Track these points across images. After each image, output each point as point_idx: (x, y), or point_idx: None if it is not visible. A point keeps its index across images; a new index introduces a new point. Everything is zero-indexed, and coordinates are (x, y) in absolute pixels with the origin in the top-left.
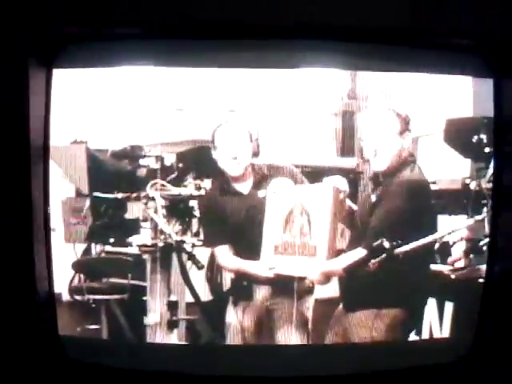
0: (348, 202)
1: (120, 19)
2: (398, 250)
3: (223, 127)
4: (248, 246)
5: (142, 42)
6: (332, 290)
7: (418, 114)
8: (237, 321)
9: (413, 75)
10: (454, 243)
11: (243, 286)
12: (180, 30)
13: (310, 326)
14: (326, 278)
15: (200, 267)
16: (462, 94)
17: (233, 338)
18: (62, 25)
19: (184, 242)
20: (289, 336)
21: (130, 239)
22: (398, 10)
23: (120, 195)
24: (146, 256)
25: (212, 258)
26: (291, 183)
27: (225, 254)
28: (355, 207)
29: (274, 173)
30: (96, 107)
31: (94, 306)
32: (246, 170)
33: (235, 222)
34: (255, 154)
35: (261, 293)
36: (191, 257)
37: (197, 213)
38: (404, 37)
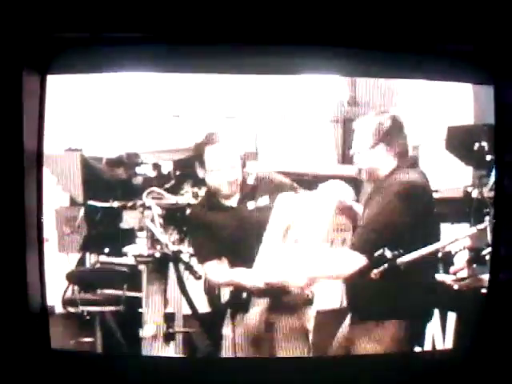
0: (350, 210)
1: (115, 25)
2: (399, 260)
3: (212, 148)
4: (243, 257)
5: (138, 47)
6: (333, 301)
7: (418, 121)
8: (235, 333)
9: (413, 82)
10: (457, 252)
11: (242, 298)
12: (177, 35)
13: (310, 338)
14: (325, 288)
15: (198, 277)
16: (463, 102)
17: (231, 351)
18: (57, 31)
19: (181, 251)
20: (289, 348)
21: (125, 249)
22: (398, 17)
23: (115, 204)
24: (141, 266)
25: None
26: (289, 194)
27: (217, 269)
28: (358, 214)
29: (266, 185)
30: (91, 114)
31: (88, 318)
32: (236, 186)
33: (227, 235)
34: (243, 166)
35: (260, 305)
36: (188, 267)
37: (193, 222)
38: (405, 44)
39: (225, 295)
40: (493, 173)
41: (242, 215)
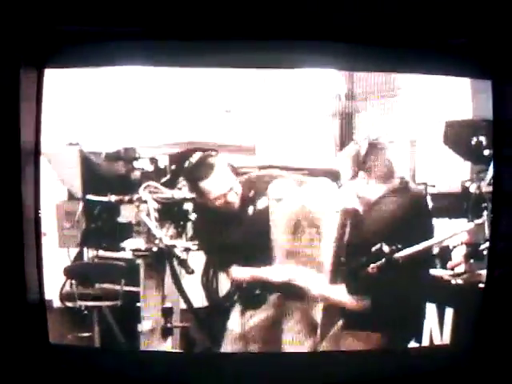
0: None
1: (113, 19)
2: (397, 255)
3: (207, 180)
4: (253, 254)
5: (136, 42)
6: (338, 296)
7: (416, 116)
8: (233, 328)
9: (411, 76)
10: (454, 247)
11: (241, 292)
12: (175, 30)
13: (313, 333)
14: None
15: (190, 272)
16: (461, 96)
17: (229, 346)
18: (54, 25)
19: (175, 246)
20: (294, 343)
21: (123, 244)
22: (396, 10)
23: (113, 198)
24: (139, 261)
25: (208, 263)
26: (295, 190)
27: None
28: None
29: (269, 180)
30: (89, 108)
31: (85, 312)
32: (235, 195)
33: (235, 233)
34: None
35: (265, 299)
36: (181, 262)
37: (191, 216)
38: (402, 38)
39: (223, 289)
40: (491, 167)
41: (246, 218)
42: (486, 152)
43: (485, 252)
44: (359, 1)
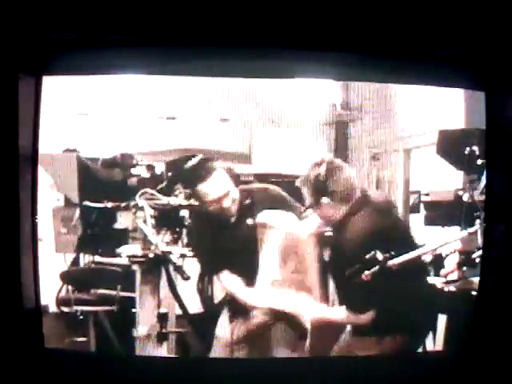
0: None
1: (110, 27)
2: (390, 262)
3: (205, 184)
4: (244, 272)
5: (134, 49)
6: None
7: (410, 125)
8: (229, 334)
9: (406, 87)
10: (447, 255)
11: (235, 299)
12: (172, 38)
13: (304, 339)
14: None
15: (186, 278)
16: (454, 106)
17: (224, 352)
18: (52, 32)
19: (171, 252)
20: (285, 348)
21: (119, 249)
22: (390, 21)
23: (110, 204)
24: (135, 267)
25: (203, 269)
26: (285, 214)
27: (225, 278)
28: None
29: (264, 195)
30: (87, 115)
31: (81, 317)
32: (232, 202)
33: (227, 248)
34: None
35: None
36: (177, 268)
37: (187, 223)
38: (397, 48)
39: (218, 295)
40: (483, 177)
41: (241, 231)
42: (479, 161)
43: (477, 260)
44: (355, 12)
